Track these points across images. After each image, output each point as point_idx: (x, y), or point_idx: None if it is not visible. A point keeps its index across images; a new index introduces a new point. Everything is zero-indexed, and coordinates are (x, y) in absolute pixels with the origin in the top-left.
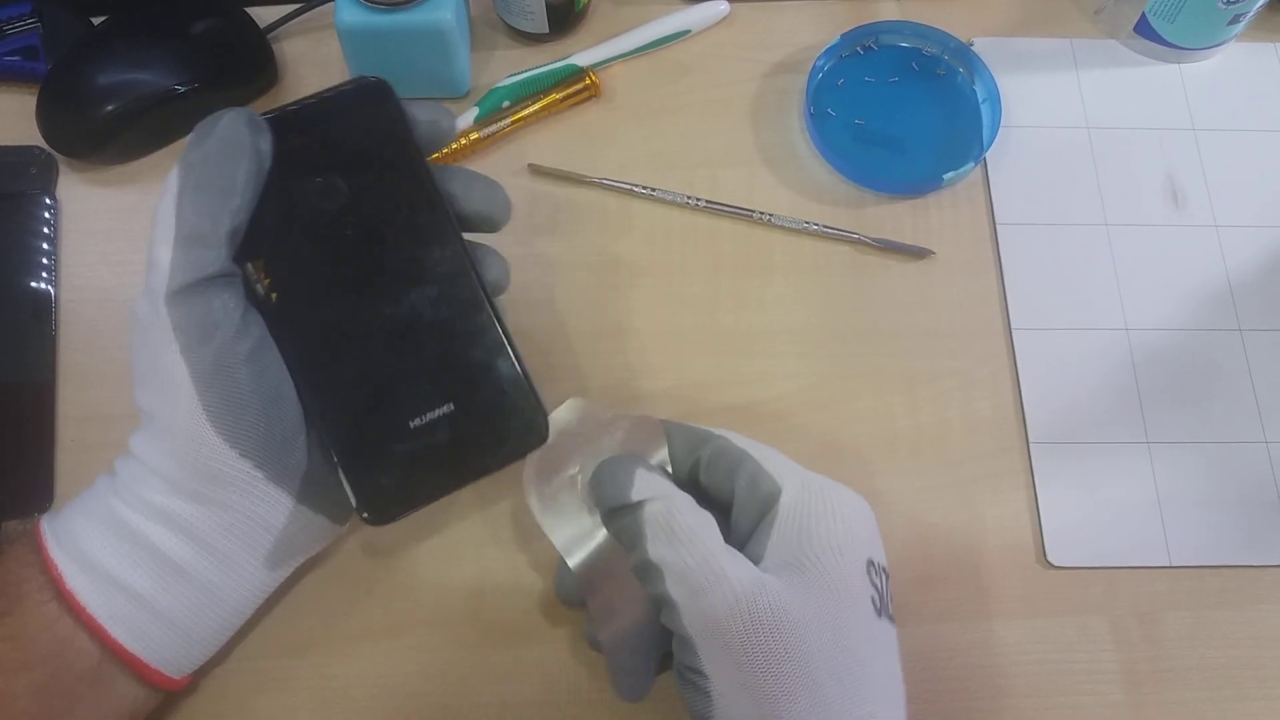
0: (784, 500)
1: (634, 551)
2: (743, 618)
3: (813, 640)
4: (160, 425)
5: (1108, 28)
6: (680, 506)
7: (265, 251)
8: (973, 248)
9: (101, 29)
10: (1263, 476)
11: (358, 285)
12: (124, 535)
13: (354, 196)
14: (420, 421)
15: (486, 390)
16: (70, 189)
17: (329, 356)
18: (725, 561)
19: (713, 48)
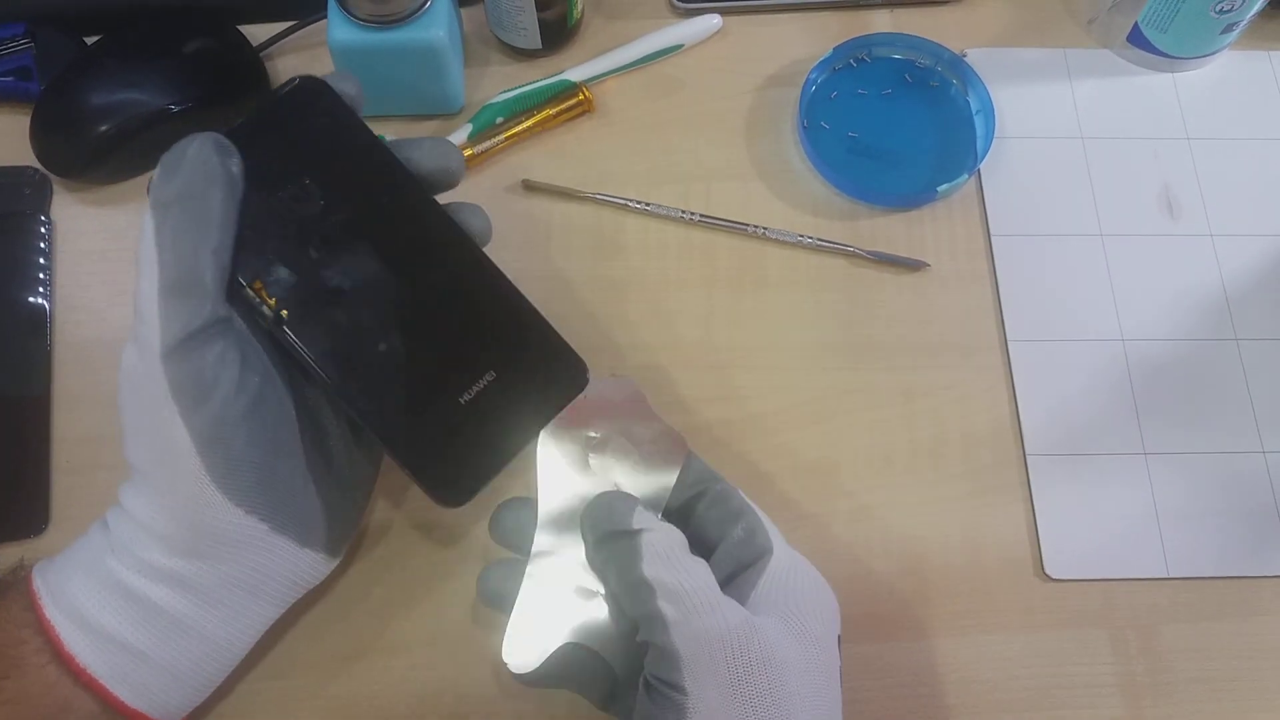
0: (775, 560)
1: (626, 574)
2: (736, 645)
3: (796, 682)
4: (157, 484)
5: (1101, 37)
6: (678, 541)
7: (261, 271)
8: (967, 259)
9: (95, 49)
10: (1261, 486)
11: (362, 280)
12: (123, 595)
13: (328, 194)
14: (469, 396)
15: (519, 347)
16: (64, 209)
17: (358, 358)
18: (721, 595)
19: (706, 62)
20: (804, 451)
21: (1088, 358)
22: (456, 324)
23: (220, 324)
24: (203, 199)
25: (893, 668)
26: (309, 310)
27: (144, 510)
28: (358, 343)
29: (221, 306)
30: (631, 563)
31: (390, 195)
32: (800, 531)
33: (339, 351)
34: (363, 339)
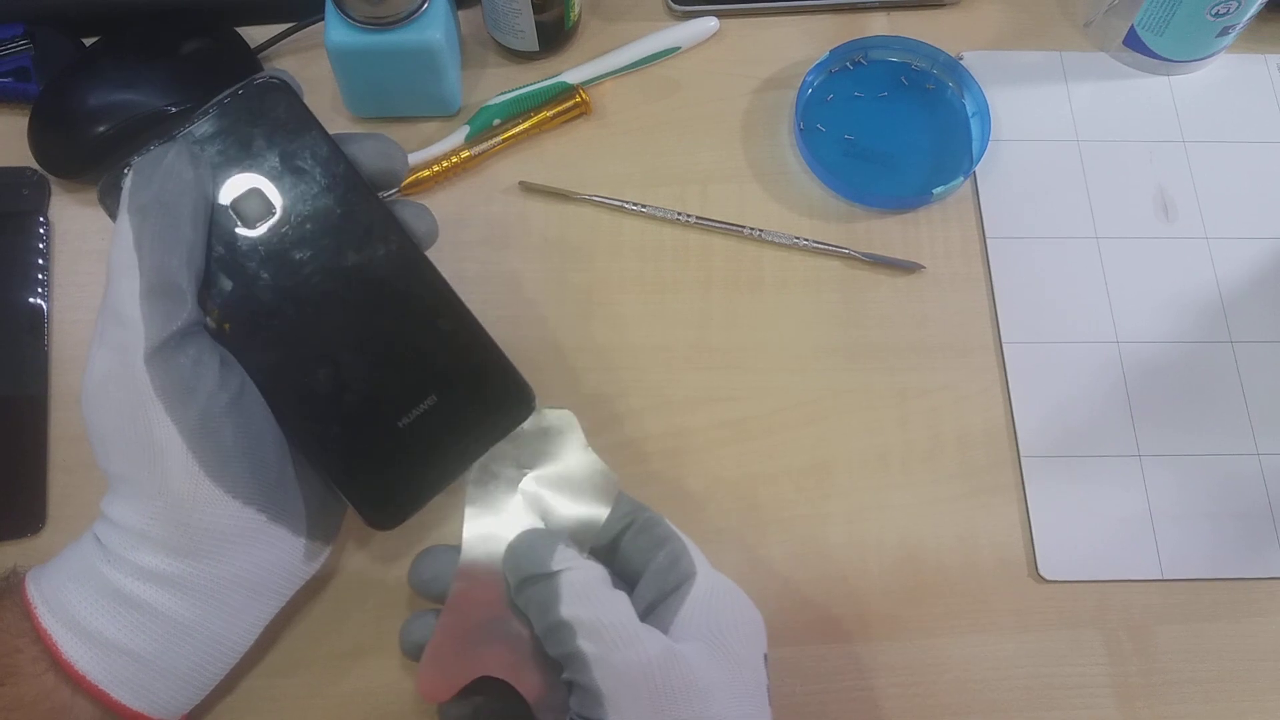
0: (698, 584)
1: (545, 616)
2: (657, 675)
3: (721, 707)
4: (144, 489)
5: (1097, 40)
6: (599, 577)
7: (206, 281)
8: (963, 262)
9: (93, 50)
10: (1255, 489)
11: (304, 296)
12: (120, 601)
13: (278, 203)
14: (408, 420)
15: (464, 371)
16: (62, 209)
17: (295, 375)
18: (640, 626)
19: (702, 64)
20: (799, 452)
21: (1082, 360)
22: (400, 344)
23: (197, 325)
24: (178, 205)
25: (886, 668)
26: (248, 323)
27: (133, 517)
28: (296, 360)
29: (197, 312)
30: (551, 604)
31: (341, 206)
32: (794, 532)
33: (276, 367)
34: (301, 356)
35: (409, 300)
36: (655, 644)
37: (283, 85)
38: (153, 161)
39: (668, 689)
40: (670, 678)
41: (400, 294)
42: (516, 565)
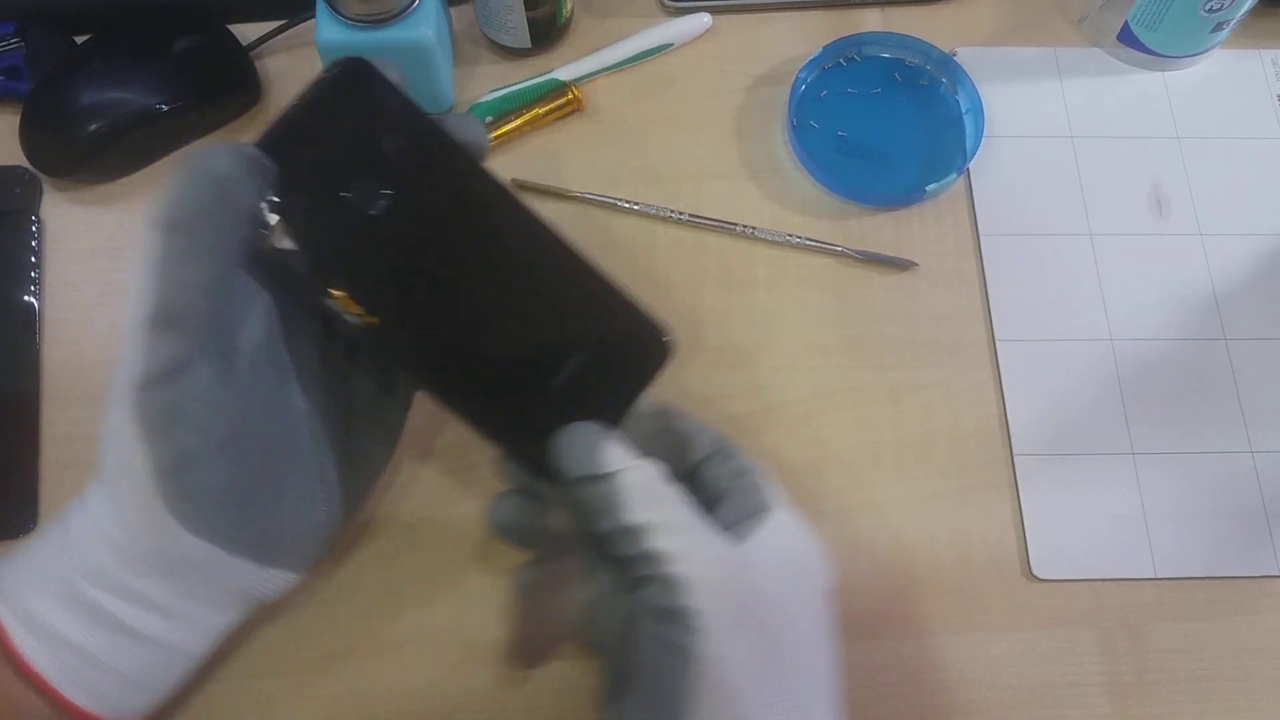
0: (775, 515)
1: (607, 519)
2: (742, 572)
3: (789, 611)
4: (119, 497)
5: (1091, 36)
6: (660, 474)
7: (341, 279)
8: (956, 259)
9: (84, 48)
10: (1249, 487)
11: (442, 273)
12: (75, 601)
13: (393, 188)
14: (561, 379)
15: (603, 320)
16: (54, 208)
17: (452, 358)
18: (714, 526)
19: (695, 60)
20: (791, 450)
21: (1076, 357)
22: (541, 307)
23: (205, 355)
24: (209, 222)
25: (880, 667)
26: (397, 317)
27: (105, 515)
28: (450, 342)
29: (208, 339)
30: (612, 509)
31: (453, 181)
32: None
33: (431, 356)
34: (453, 339)
35: (536, 260)
36: (733, 543)
37: (365, 64)
38: (188, 171)
39: (752, 587)
40: (759, 571)
41: (525, 255)
42: (565, 465)
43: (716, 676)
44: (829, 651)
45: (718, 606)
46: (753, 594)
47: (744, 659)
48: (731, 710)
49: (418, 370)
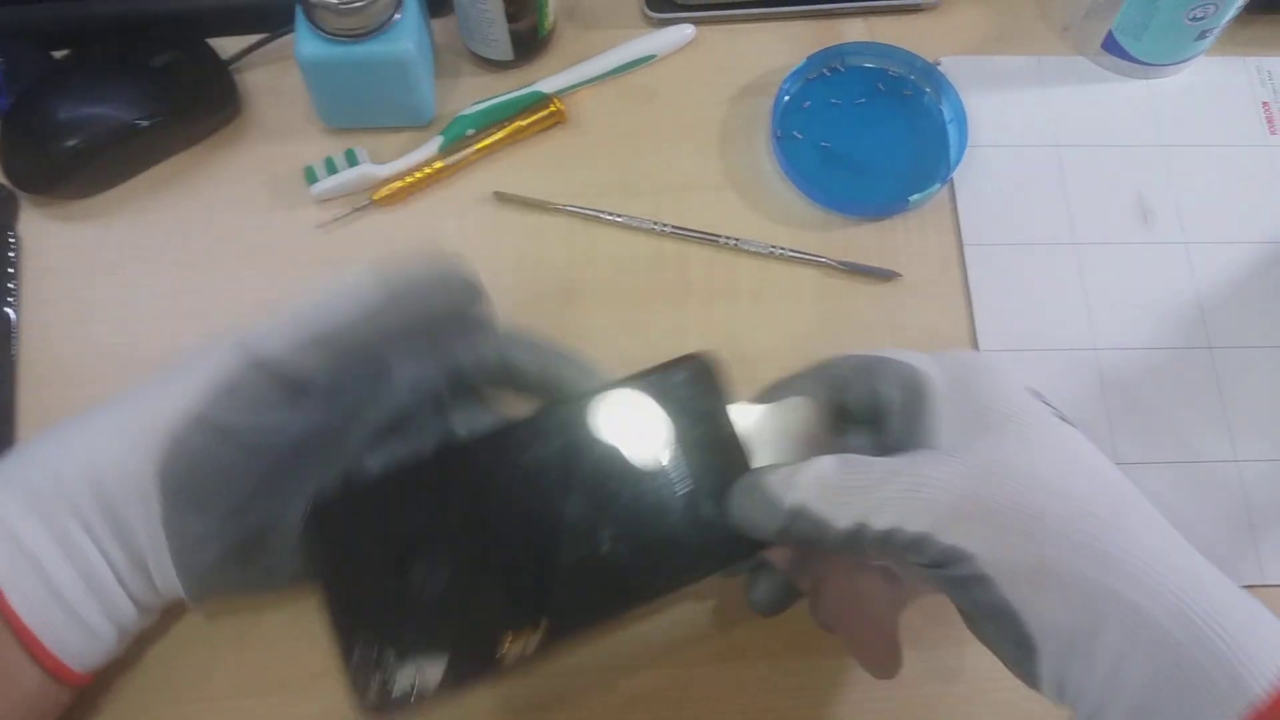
0: (932, 379)
1: (826, 541)
2: (960, 487)
3: (1030, 465)
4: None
5: (1076, 44)
6: (831, 468)
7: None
8: (940, 269)
9: (63, 64)
10: (1233, 495)
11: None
12: (34, 505)
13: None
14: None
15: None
16: (31, 224)
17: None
18: (909, 464)
19: (679, 72)
20: None
21: (1060, 367)
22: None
23: (291, 400)
24: (413, 306)
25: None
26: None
27: (95, 435)
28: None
29: (312, 391)
30: (825, 531)
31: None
32: None
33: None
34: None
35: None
36: (934, 466)
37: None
38: (449, 268)
39: (974, 492)
40: (968, 482)
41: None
42: (758, 528)
43: (1012, 579)
44: (1077, 451)
45: (976, 540)
46: (989, 486)
47: (1022, 550)
48: (1049, 587)
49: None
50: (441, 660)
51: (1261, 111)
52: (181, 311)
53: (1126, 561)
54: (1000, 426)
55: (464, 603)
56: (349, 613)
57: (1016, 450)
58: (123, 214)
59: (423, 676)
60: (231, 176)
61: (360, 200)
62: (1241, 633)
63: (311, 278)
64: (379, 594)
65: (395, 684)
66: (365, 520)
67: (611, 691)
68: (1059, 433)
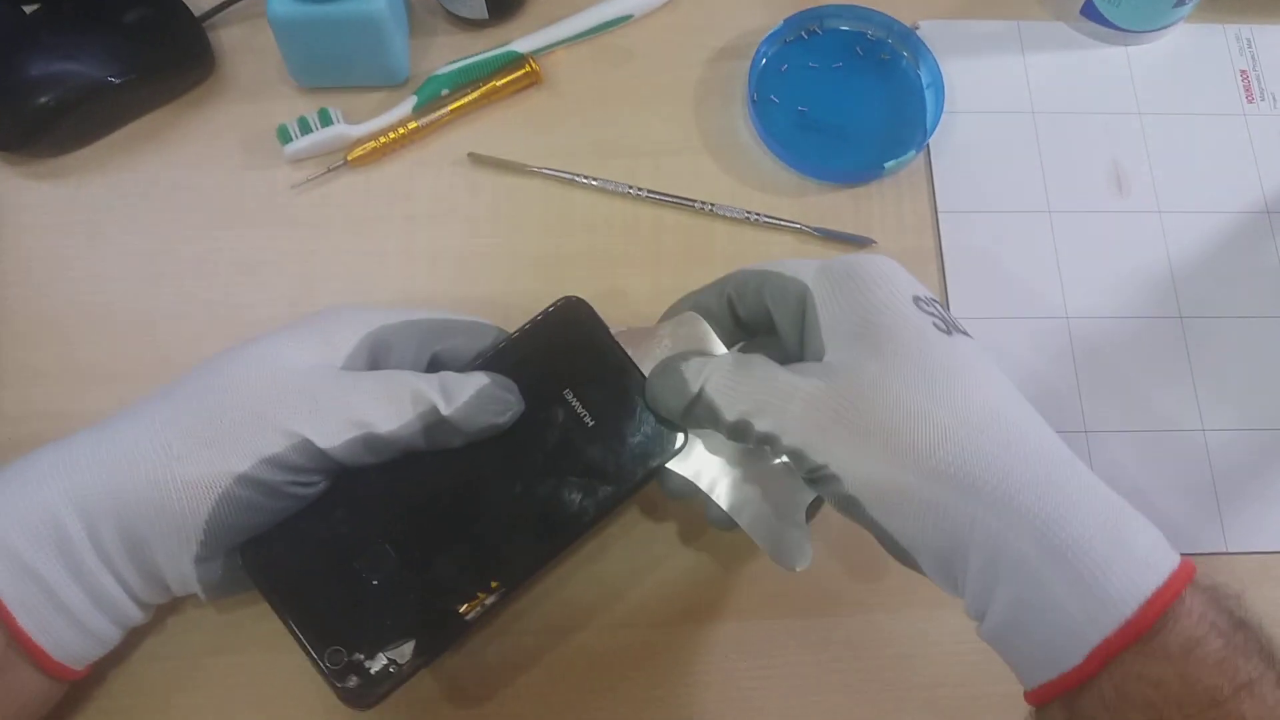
0: (812, 289)
1: (719, 426)
2: (828, 401)
3: (885, 387)
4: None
5: (1055, 10)
6: (726, 365)
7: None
8: (914, 235)
9: (33, 19)
10: (1199, 464)
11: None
12: (43, 521)
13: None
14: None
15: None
16: (4, 183)
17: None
18: (784, 378)
19: (656, 33)
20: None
21: (1031, 335)
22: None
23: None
24: (464, 427)
25: (836, 641)
26: None
27: (117, 465)
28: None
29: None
30: (717, 417)
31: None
32: None
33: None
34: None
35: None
36: (810, 380)
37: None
38: (505, 396)
39: (842, 406)
40: (839, 394)
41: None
42: (669, 409)
43: (879, 499)
44: (958, 366)
45: (833, 449)
46: (842, 401)
47: (886, 469)
48: (911, 506)
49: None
50: (408, 641)
51: (1239, 80)
52: (156, 271)
53: (986, 488)
54: (876, 342)
55: (412, 585)
56: (308, 626)
57: (887, 369)
58: (96, 172)
59: (395, 660)
60: (205, 135)
61: (334, 160)
62: (1101, 564)
63: (284, 239)
64: (329, 601)
65: (371, 675)
66: (295, 540)
67: (580, 653)
68: (939, 350)
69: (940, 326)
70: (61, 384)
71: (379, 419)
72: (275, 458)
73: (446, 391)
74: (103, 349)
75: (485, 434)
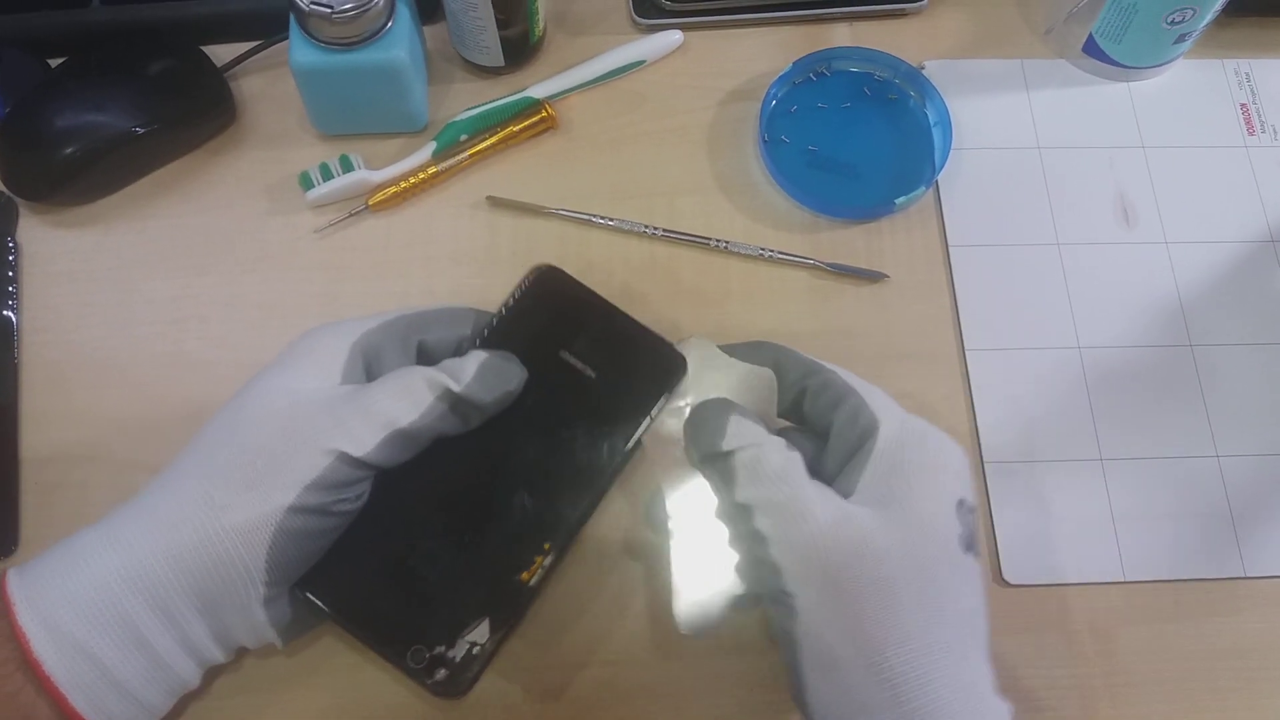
0: (881, 436)
1: (724, 496)
2: (825, 545)
3: (894, 569)
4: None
5: (1057, 48)
6: (768, 450)
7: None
8: (926, 270)
9: (60, 71)
10: (1214, 490)
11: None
12: (98, 600)
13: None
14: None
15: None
16: (30, 231)
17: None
18: (811, 495)
19: (668, 77)
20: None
21: (1044, 366)
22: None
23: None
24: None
25: None
26: None
27: (173, 527)
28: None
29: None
30: (727, 488)
31: None
32: None
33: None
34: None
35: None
36: (827, 511)
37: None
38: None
39: (841, 556)
40: (840, 543)
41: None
42: (696, 444)
43: (816, 653)
44: (956, 584)
45: (808, 589)
46: (845, 565)
47: (839, 634)
48: (839, 683)
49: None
50: (481, 621)
51: (1239, 113)
52: (180, 316)
53: (915, 714)
54: (904, 520)
55: (470, 569)
56: (384, 636)
57: (897, 556)
58: (121, 220)
59: (475, 642)
60: (228, 183)
61: (355, 205)
62: None
63: (308, 282)
64: (397, 606)
65: (457, 663)
66: (349, 561)
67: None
68: (948, 565)
69: (963, 541)
70: (89, 429)
71: (401, 413)
72: (317, 480)
73: (453, 373)
74: (130, 393)
75: (500, 404)
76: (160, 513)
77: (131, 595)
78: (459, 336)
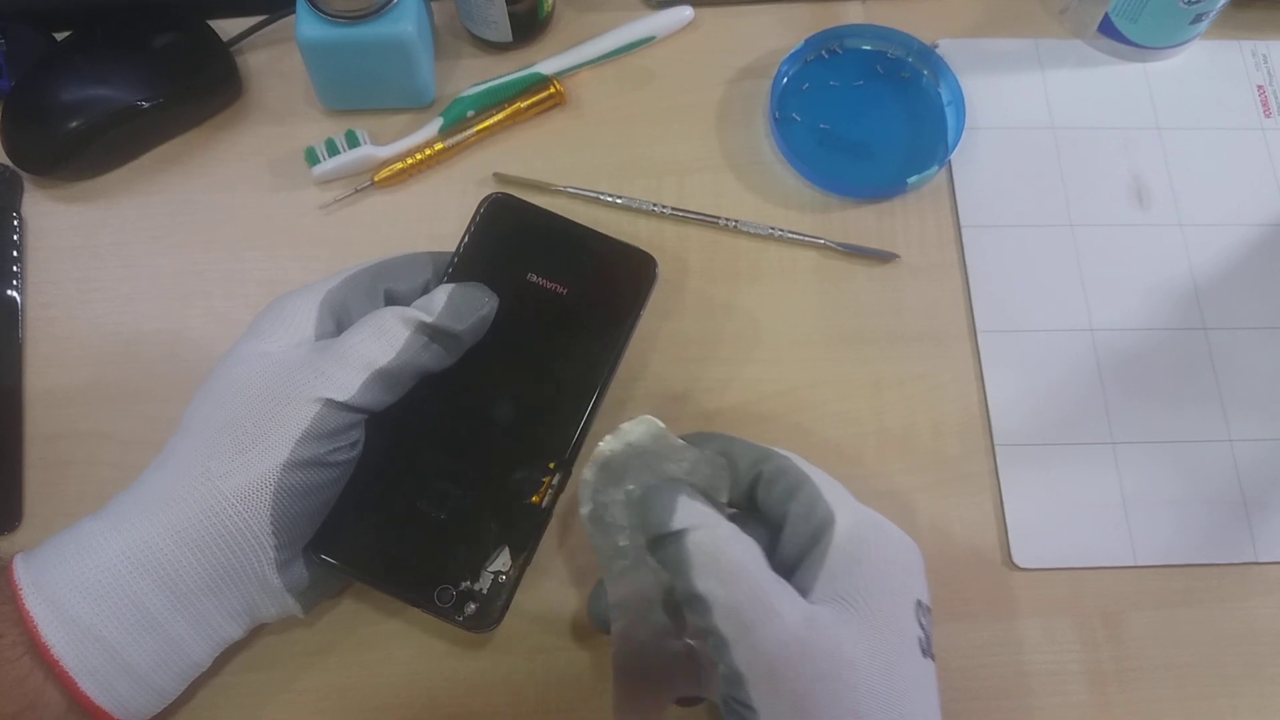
0: (838, 530)
1: (680, 580)
2: (795, 654)
3: (862, 677)
4: (211, 464)
5: (1073, 27)
6: (724, 535)
7: None
8: (937, 250)
9: (64, 45)
10: (1227, 475)
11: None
12: (105, 583)
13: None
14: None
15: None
16: (35, 205)
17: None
18: (774, 594)
19: (678, 54)
20: (774, 443)
21: (1056, 348)
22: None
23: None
24: (462, 342)
25: None
26: None
27: (175, 503)
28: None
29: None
30: (682, 570)
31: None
32: None
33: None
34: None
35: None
36: (793, 616)
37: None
38: (486, 300)
39: (808, 665)
40: (809, 653)
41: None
42: (645, 523)
43: None
44: (919, 688)
45: (773, 702)
46: (813, 675)
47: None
48: None
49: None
50: (500, 550)
51: (1256, 94)
52: (184, 292)
53: None
54: (863, 623)
55: (479, 501)
56: (406, 582)
57: (860, 658)
58: (125, 195)
59: (499, 571)
60: (233, 158)
61: (361, 181)
62: None
63: (313, 259)
64: (413, 551)
65: (485, 594)
66: (355, 516)
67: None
68: (908, 669)
69: (922, 643)
70: (93, 404)
71: (379, 353)
72: (308, 431)
73: (424, 307)
74: (133, 369)
75: (476, 331)
76: (160, 492)
77: (139, 576)
78: (423, 280)
